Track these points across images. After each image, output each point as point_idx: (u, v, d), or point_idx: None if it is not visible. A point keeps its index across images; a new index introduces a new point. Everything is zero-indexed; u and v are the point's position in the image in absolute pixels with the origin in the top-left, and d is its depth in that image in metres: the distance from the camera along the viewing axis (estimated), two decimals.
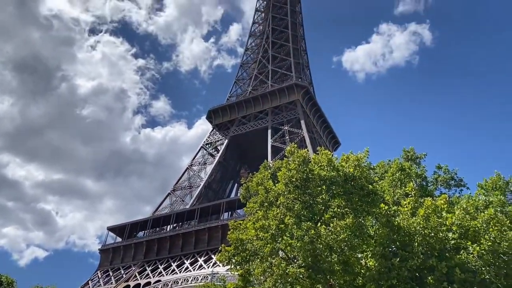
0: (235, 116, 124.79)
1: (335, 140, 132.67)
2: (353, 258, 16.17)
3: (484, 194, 20.33)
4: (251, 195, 22.08)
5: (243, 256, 18.94)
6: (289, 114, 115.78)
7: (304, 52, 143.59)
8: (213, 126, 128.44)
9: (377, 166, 23.45)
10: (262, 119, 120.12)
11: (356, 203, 17.35)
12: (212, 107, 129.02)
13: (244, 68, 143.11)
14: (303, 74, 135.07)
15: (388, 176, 21.36)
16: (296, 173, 18.07)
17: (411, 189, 17.28)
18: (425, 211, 15.16)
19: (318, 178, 17.91)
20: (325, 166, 18.22)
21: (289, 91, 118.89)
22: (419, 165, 23.50)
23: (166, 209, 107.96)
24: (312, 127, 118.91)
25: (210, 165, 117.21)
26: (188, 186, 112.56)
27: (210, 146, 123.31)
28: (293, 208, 17.65)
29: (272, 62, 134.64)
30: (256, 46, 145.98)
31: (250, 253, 18.66)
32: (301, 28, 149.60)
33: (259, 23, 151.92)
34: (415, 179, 21.72)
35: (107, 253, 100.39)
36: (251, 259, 18.85)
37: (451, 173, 23.31)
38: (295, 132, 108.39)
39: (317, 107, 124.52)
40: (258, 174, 21.81)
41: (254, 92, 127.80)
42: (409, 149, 24.08)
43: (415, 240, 14.85)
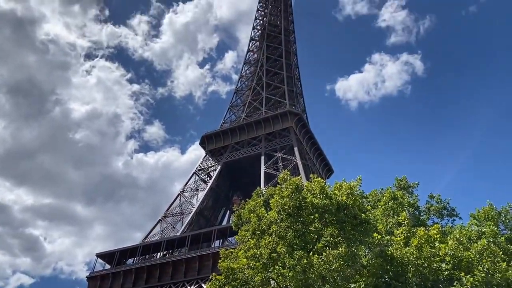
0: (229, 142, 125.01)
1: (328, 167, 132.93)
2: None
3: (476, 224, 20.30)
4: (243, 223, 21.84)
5: (234, 285, 18.56)
6: (282, 141, 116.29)
7: (297, 80, 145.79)
8: (206, 152, 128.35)
9: (370, 195, 23.42)
10: (255, 145, 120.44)
11: (349, 232, 17.21)
12: (206, 133, 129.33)
13: (238, 94, 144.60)
14: (297, 102, 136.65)
15: (381, 205, 21.30)
16: (289, 200, 17.97)
17: (404, 219, 17.22)
18: (418, 241, 15.06)
19: (311, 206, 17.81)
20: (318, 194, 18.16)
21: (282, 118, 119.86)
22: (411, 194, 23.53)
23: (157, 236, 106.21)
24: (305, 154, 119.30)
25: (202, 191, 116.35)
26: (180, 213, 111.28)
27: (202, 172, 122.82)
28: (285, 236, 17.45)
29: (266, 90, 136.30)
30: (250, 73, 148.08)
31: (241, 283, 18.30)
32: (295, 57, 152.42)
33: (254, 51, 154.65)
34: (408, 208, 21.68)
35: (95, 281, 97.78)
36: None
37: (443, 202, 23.34)
38: (288, 159, 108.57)
39: (310, 134, 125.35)
40: (251, 201, 21.66)
41: (248, 119, 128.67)
42: (401, 178, 24.16)
43: (409, 270, 14.69)
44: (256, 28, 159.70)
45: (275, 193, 19.46)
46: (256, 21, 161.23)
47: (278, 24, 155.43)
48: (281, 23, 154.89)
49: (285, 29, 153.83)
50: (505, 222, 20.83)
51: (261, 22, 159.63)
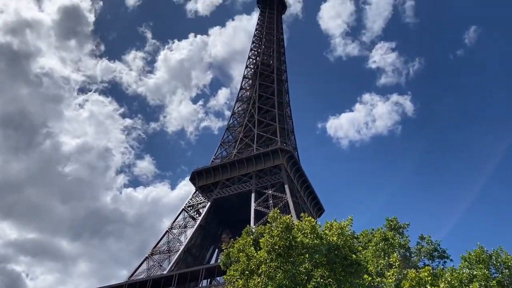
0: (219, 179, 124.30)
1: (319, 206, 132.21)
2: None
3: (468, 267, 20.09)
4: (231, 262, 21.37)
5: None
6: (273, 178, 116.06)
7: (289, 118, 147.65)
8: (196, 188, 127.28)
9: (361, 235, 23.19)
10: (246, 182, 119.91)
11: (339, 273, 16.90)
12: (196, 169, 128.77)
13: (230, 131, 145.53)
14: (288, 139, 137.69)
15: (371, 246, 21.07)
16: (279, 240, 17.71)
17: (395, 260, 17.00)
18: (409, 284, 14.79)
19: (301, 246, 17.55)
20: (308, 233, 17.96)
21: (273, 155, 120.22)
22: (402, 235, 23.36)
23: (143, 274, 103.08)
24: (296, 192, 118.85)
25: (190, 228, 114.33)
26: (167, 250, 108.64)
27: (192, 208, 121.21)
28: (275, 277, 17.06)
29: (257, 127, 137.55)
30: (242, 110, 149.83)
31: None
32: (287, 95, 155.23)
33: (247, 89, 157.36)
34: (399, 249, 21.46)
35: None
36: None
37: (434, 244, 23.18)
38: (279, 197, 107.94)
39: (301, 172, 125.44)
40: (240, 239, 21.30)
41: (239, 155, 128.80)
42: (392, 218, 24.04)
43: None
44: (249, 67, 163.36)
45: (265, 232, 19.19)
46: (249, 60, 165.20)
47: (271, 63, 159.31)
48: (273, 63, 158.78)
49: (278, 68, 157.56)
50: (496, 265, 20.65)
51: (254, 61, 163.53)
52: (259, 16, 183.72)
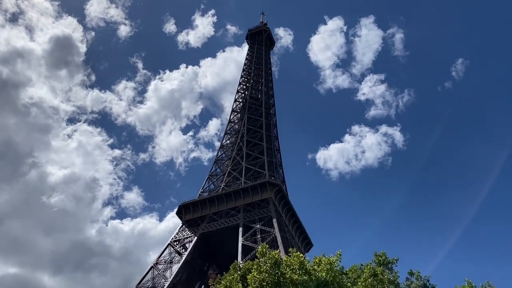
0: (206, 212, 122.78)
1: (307, 241, 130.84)
2: None
3: None
4: None
5: None
6: (261, 212, 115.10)
7: (277, 151, 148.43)
8: (182, 222, 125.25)
9: (350, 271, 22.91)
10: (233, 216, 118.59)
11: None
12: (183, 202, 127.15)
13: (218, 164, 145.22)
14: (276, 173, 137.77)
15: (360, 282, 20.79)
16: (267, 276, 17.41)
17: None
18: None
19: (290, 282, 17.27)
20: (297, 269, 17.73)
21: (261, 189, 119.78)
22: (391, 270, 23.15)
23: None
24: (284, 226, 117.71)
25: (176, 264, 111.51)
26: (152, 287, 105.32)
27: (178, 243, 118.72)
28: None
29: (246, 160, 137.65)
30: (231, 143, 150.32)
31: None
32: (275, 129, 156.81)
33: (235, 122, 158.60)
34: (388, 285, 21.20)
35: None
36: None
37: (423, 279, 23.00)
38: (267, 231, 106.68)
39: (289, 206, 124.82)
40: (227, 275, 20.88)
41: (227, 188, 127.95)
42: (380, 253, 23.89)
43: None
44: (237, 101, 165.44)
45: (253, 268, 18.87)
46: (238, 94, 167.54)
47: (259, 97, 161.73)
48: (262, 97, 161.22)
49: (266, 102, 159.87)
50: None
51: (243, 95, 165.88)
52: (248, 51, 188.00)
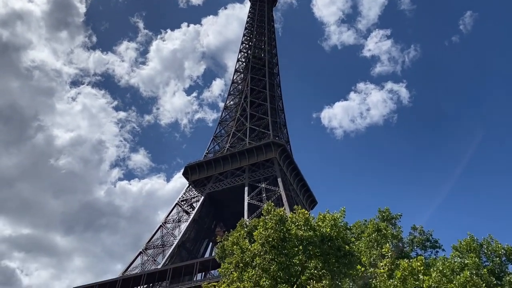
0: (212, 173, 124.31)
1: (312, 198, 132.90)
2: None
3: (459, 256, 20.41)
4: (226, 255, 21.49)
5: None
6: (266, 172, 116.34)
7: (281, 111, 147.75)
8: (189, 182, 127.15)
9: (354, 226, 23.42)
10: (239, 176, 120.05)
11: (333, 264, 17.04)
12: (189, 163, 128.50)
13: (223, 125, 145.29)
14: (280, 133, 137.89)
15: (364, 237, 21.29)
16: (273, 232, 17.79)
17: (388, 251, 17.21)
18: (401, 273, 15.01)
19: (295, 238, 17.65)
20: (302, 225, 18.06)
21: (266, 149, 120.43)
22: (394, 225, 23.62)
23: (137, 268, 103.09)
24: (289, 185, 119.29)
25: (184, 222, 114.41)
26: (161, 245, 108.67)
27: (185, 203, 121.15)
28: (269, 269, 17.17)
29: (250, 121, 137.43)
30: (234, 104, 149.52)
31: None
32: (279, 89, 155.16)
33: (238, 83, 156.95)
34: (391, 240, 21.71)
35: None
36: None
37: (426, 234, 23.49)
38: (272, 190, 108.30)
39: (294, 165, 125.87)
40: (234, 232, 21.40)
41: (232, 149, 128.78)
42: (384, 209, 24.28)
43: None
44: (240, 61, 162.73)
45: (259, 225, 19.27)
46: (241, 53, 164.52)
47: (262, 56, 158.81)
48: (265, 56, 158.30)
49: (269, 61, 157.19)
50: (487, 254, 21.00)
51: (246, 55, 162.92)
52: (250, 9, 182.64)
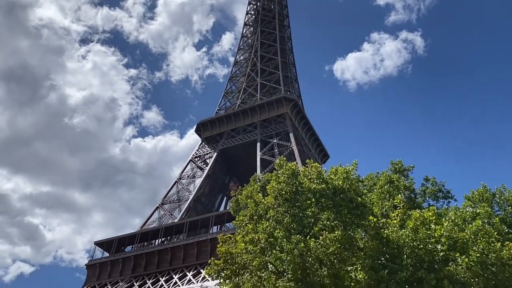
0: (224, 129, 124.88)
1: (324, 153, 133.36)
2: (342, 271, 16.10)
3: (471, 206, 20.55)
4: (240, 208, 22.00)
5: (232, 269, 18.76)
6: (278, 127, 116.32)
7: (292, 66, 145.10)
8: (202, 139, 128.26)
9: (366, 179, 23.58)
10: (251, 132, 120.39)
11: (345, 215, 17.35)
12: (201, 120, 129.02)
13: (233, 81, 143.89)
14: (292, 87, 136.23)
15: (376, 189, 21.47)
16: (285, 186, 18.06)
17: (400, 201, 17.39)
18: (413, 224, 15.24)
19: (308, 191, 17.91)
20: (314, 179, 18.25)
21: (277, 104, 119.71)
22: (407, 177, 23.69)
23: (155, 223, 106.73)
24: (301, 140, 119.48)
25: (199, 178, 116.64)
26: (177, 200, 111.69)
27: (199, 159, 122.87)
28: (282, 221, 17.59)
29: (260, 76, 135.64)
30: (245, 59, 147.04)
31: (240, 267, 18.51)
32: (290, 42, 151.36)
33: (248, 37, 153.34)
34: (404, 191, 21.87)
35: (94, 269, 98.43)
36: (241, 272, 18.68)
37: (438, 185, 23.55)
38: (284, 145, 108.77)
39: (306, 120, 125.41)
40: (248, 187, 21.78)
41: (243, 105, 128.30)
42: (396, 161, 24.27)
43: (404, 252, 14.88)
44: (249, 13, 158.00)
45: (272, 179, 19.54)
46: (250, 5, 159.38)
47: (272, 8, 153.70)
48: (275, 8, 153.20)
49: (279, 13, 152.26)
50: (499, 203, 21.10)
51: (255, 7, 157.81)
52: None
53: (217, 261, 19.34)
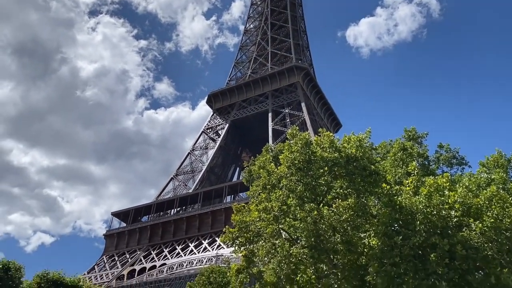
0: (235, 100, 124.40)
1: (336, 121, 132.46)
2: (356, 238, 16.30)
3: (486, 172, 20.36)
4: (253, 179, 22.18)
5: (246, 237, 19.16)
6: (289, 97, 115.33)
7: (303, 33, 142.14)
8: (213, 110, 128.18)
9: (379, 147, 23.43)
10: (262, 102, 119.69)
11: (358, 183, 17.38)
12: (212, 91, 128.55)
13: (243, 50, 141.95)
14: (303, 56, 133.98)
15: (390, 156, 21.35)
16: (298, 155, 18.07)
17: (414, 168, 17.29)
18: (427, 190, 15.20)
19: (321, 159, 17.90)
20: (327, 147, 18.20)
21: (289, 74, 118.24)
22: (420, 144, 23.47)
23: (169, 193, 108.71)
24: (313, 109, 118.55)
25: (211, 149, 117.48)
26: (191, 171, 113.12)
27: (211, 130, 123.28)
28: (295, 190, 17.72)
29: (271, 44, 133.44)
30: (255, 28, 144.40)
31: (254, 234, 18.88)
32: (300, 9, 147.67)
33: (258, 4, 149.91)
34: (417, 158, 21.72)
35: (112, 238, 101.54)
36: (255, 240, 19.08)
37: (452, 151, 23.29)
38: (296, 115, 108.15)
39: (318, 89, 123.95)
40: (260, 157, 21.87)
41: (254, 75, 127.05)
42: (410, 128, 23.99)
43: (417, 218, 14.93)
44: None
45: (284, 149, 19.56)
46: None
47: None
48: None
49: None
50: None
51: None
52: None
53: (232, 229, 19.74)
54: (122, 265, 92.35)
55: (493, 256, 13.54)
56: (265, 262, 19.07)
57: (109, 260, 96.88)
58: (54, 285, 21.90)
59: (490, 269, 13.62)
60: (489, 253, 13.56)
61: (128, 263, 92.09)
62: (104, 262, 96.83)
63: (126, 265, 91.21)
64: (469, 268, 13.50)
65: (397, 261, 13.99)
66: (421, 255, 14.34)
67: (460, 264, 13.46)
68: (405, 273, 13.73)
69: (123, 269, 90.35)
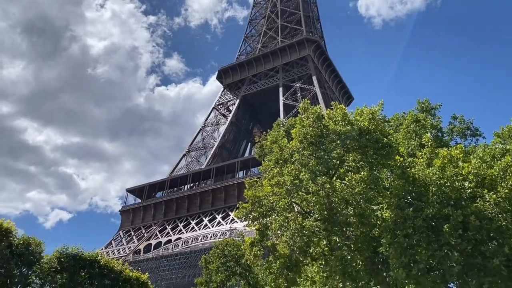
0: (246, 75, 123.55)
1: (348, 95, 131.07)
2: (368, 210, 16.38)
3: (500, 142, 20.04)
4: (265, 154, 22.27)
5: (259, 211, 19.40)
6: (300, 71, 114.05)
7: (314, 5, 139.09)
8: (224, 86, 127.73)
9: (392, 119, 23.19)
10: (272, 77, 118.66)
11: (371, 156, 17.32)
12: (222, 67, 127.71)
13: (253, 24, 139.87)
14: (314, 28, 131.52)
15: (403, 128, 21.15)
16: (310, 129, 18.00)
17: (427, 140, 17.12)
18: (441, 162, 15.10)
19: (333, 133, 17.82)
20: (339, 120, 18.08)
21: (299, 47, 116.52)
22: (434, 116, 23.13)
23: (182, 169, 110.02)
24: (324, 82, 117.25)
25: (223, 125, 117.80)
26: (203, 147, 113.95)
27: (222, 106, 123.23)
28: (308, 164, 17.74)
29: (281, 17, 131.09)
30: (264, 0, 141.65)
31: (267, 208, 19.10)
32: None
33: None
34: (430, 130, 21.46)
35: (128, 214, 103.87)
36: (268, 214, 19.32)
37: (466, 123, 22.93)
38: (307, 89, 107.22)
39: (329, 62, 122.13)
40: (272, 132, 21.87)
41: (264, 49, 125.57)
42: (423, 100, 23.61)
43: (431, 190, 14.90)
44: None
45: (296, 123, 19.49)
46: None
47: None
48: None
49: None
50: None
51: None
52: None
53: (245, 204, 19.99)
54: (138, 239, 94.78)
55: (507, 226, 13.52)
56: (278, 235, 19.35)
57: (126, 235, 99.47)
58: (73, 259, 22.61)
59: (504, 239, 13.63)
60: (503, 223, 13.54)
61: (144, 237, 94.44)
62: (121, 237, 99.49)
63: (142, 240, 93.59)
64: (483, 238, 13.52)
65: (410, 232, 14.07)
66: (434, 226, 14.38)
67: (473, 235, 13.48)
68: (418, 244, 13.82)
69: (139, 243, 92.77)
